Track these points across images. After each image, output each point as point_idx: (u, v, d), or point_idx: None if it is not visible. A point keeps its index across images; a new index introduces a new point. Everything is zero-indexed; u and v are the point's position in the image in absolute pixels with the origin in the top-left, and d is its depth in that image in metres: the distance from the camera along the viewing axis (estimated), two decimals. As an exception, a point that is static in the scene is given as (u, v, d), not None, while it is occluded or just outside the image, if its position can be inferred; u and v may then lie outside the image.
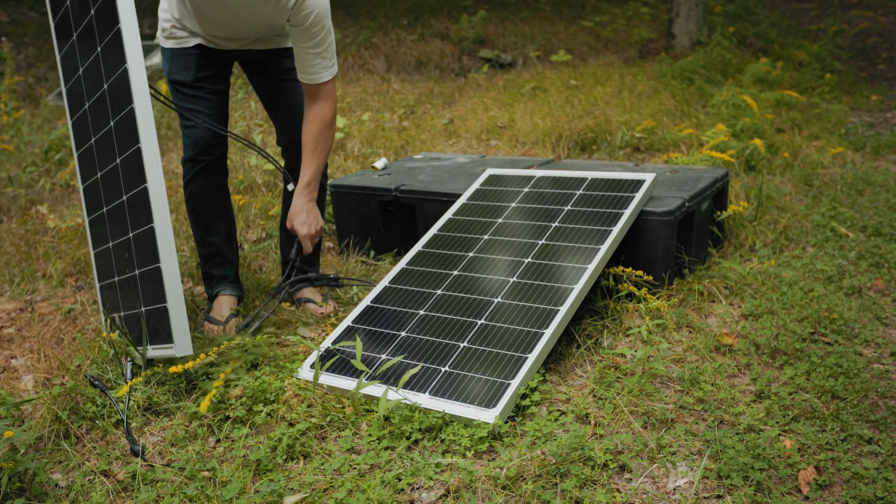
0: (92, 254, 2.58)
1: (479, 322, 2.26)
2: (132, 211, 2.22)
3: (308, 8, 2.31)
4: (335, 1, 10.38)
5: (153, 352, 2.20)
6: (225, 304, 2.71)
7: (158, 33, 2.54)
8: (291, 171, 2.69)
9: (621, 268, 2.58)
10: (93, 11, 2.25)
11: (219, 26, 2.44)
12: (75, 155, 2.60)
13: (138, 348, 2.25)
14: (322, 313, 2.71)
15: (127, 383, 2.17)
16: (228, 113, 2.63)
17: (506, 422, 1.96)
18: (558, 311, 2.22)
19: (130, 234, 2.24)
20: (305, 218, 2.54)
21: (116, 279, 2.39)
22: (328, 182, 3.33)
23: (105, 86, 2.25)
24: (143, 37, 9.22)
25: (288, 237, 2.77)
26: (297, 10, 2.31)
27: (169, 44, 2.51)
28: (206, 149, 2.55)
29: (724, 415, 1.95)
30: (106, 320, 2.51)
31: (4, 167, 4.88)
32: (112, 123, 2.24)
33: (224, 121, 2.59)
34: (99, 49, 2.24)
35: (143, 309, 2.23)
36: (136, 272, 2.24)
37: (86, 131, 2.47)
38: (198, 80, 2.51)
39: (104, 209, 2.42)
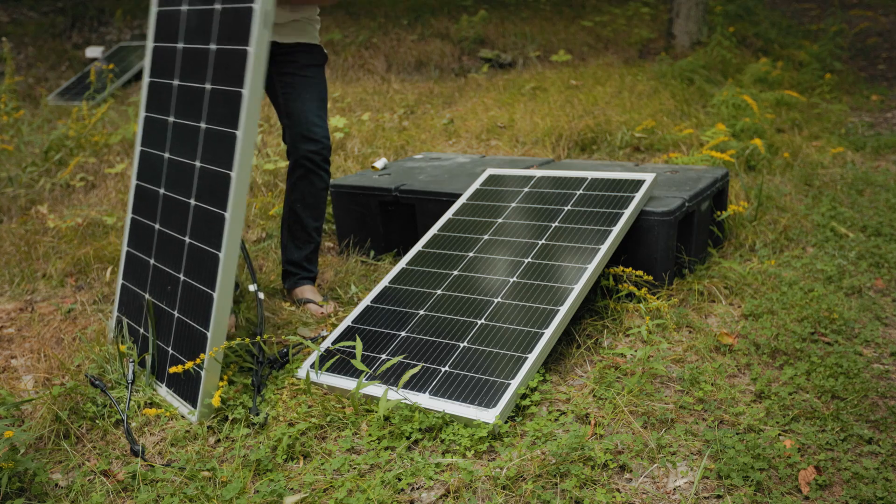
0: (125, 248, 2.54)
1: (479, 322, 2.26)
2: (190, 260, 2.20)
3: None
4: (335, 1, 10.36)
5: (164, 391, 2.20)
6: (225, 305, 2.71)
7: None
8: (297, 167, 2.68)
9: (621, 268, 2.58)
10: (213, 47, 2.17)
11: None
12: (138, 147, 2.51)
13: (144, 373, 2.25)
14: (322, 313, 2.71)
15: (129, 384, 2.17)
16: None
17: (506, 422, 1.95)
18: (558, 311, 2.22)
19: (181, 277, 2.22)
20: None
21: (147, 297, 2.36)
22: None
23: (202, 124, 2.21)
24: (137, 38, 9.23)
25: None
26: None
27: None
28: None
29: (724, 415, 1.95)
30: (115, 319, 2.51)
31: (4, 167, 4.88)
32: (197, 165, 2.21)
33: None
34: (208, 87, 2.19)
35: (170, 351, 2.23)
36: (175, 314, 2.22)
37: (160, 137, 2.41)
38: None
39: (156, 226, 2.38)
